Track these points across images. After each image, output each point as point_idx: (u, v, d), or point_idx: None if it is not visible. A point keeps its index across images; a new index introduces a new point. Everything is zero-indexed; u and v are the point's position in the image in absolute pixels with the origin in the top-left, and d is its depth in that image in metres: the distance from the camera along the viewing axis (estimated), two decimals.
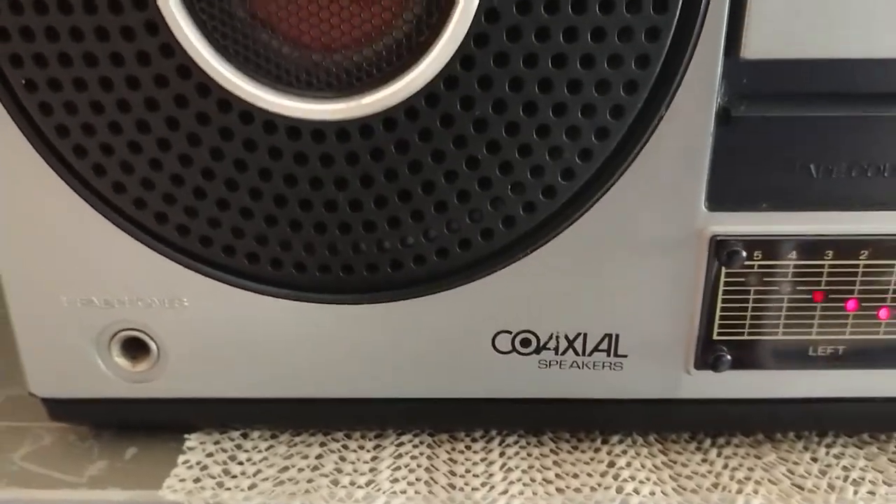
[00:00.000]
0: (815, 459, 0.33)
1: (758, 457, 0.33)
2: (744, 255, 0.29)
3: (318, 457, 0.33)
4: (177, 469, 0.32)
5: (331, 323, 0.31)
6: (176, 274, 0.30)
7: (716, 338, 0.31)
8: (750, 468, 0.32)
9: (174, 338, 0.32)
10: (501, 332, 0.31)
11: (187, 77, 0.26)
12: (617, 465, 0.33)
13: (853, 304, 0.30)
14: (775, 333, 0.31)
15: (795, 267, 0.30)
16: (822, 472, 0.32)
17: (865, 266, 0.30)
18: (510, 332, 0.31)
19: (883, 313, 0.30)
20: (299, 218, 0.29)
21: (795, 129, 0.28)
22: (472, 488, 0.31)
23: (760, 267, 0.30)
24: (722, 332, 0.31)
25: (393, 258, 0.30)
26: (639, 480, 0.32)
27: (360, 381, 0.32)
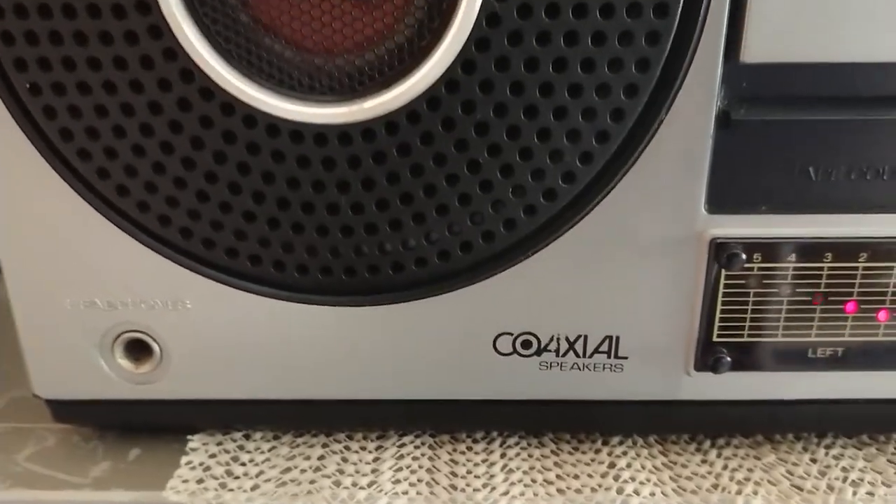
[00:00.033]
0: (814, 460, 0.33)
1: (757, 458, 0.33)
2: (743, 257, 0.29)
3: (321, 458, 0.33)
4: (180, 470, 0.32)
5: (333, 325, 0.31)
6: (179, 276, 0.30)
7: (716, 340, 0.31)
8: (749, 469, 0.33)
9: (177, 340, 0.32)
10: (502, 334, 0.32)
11: (190, 81, 0.27)
12: (617, 466, 0.33)
13: (852, 306, 0.30)
14: (775, 335, 0.31)
15: (795, 269, 0.30)
16: (821, 473, 0.32)
17: (864, 268, 0.30)
18: (511, 334, 0.32)
19: (882, 315, 0.30)
20: (302, 220, 0.29)
21: (795, 133, 0.28)
22: (474, 489, 0.31)
23: (760, 269, 0.30)
24: (722, 334, 0.31)
25: (394, 260, 0.30)
26: (639, 481, 0.32)
27: (362, 383, 0.33)
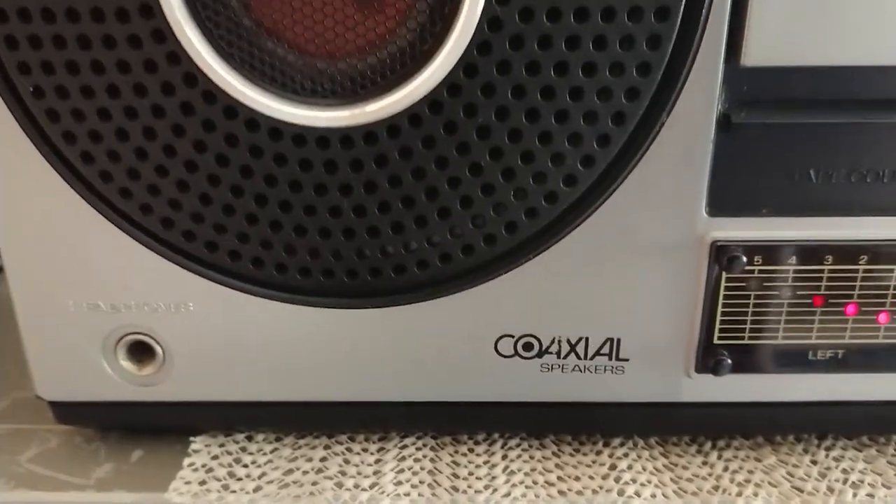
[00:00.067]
0: (814, 462, 0.33)
1: (758, 459, 0.33)
2: (744, 260, 0.29)
3: (323, 459, 0.33)
4: (182, 472, 0.32)
5: (335, 327, 0.31)
6: (182, 279, 0.30)
7: (716, 342, 0.31)
8: (750, 471, 0.33)
9: (180, 342, 0.32)
10: (504, 336, 0.32)
11: (193, 85, 0.27)
12: (618, 468, 0.33)
13: (853, 308, 0.30)
14: (775, 337, 0.31)
15: (795, 272, 0.30)
16: (821, 474, 0.32)
17: (865, 271, 0.30)
18: (513, 336, 0.32)
19: (882, 317, 0.31)
20: (304, 223, 0.29)
21: (795, 136, 0.28)
22: (475, 490, 0.31)
23: (761, 272, 0.30)
24: (722, 337, 0.31)
25: (396, 263, 0.30)
26: (640, 483, 0.32)
27: (364, 385, 0.33)
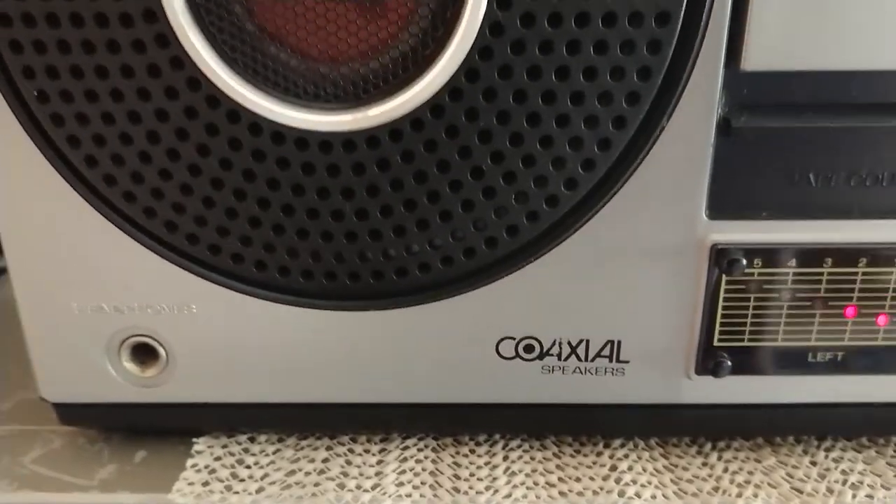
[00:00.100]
0: (814, 463, 0.33)
1: (758, 460, 0.34)
2: (744, 263, 0.30)
3: (325, 461, 0.34)
4: (186, 473, 0.33)
5: (337, 329, 0.32)
6: (185, 281, 0.31)
7: (716, 344, 0.31)
8: (750, 472, 0.33)
9: (183, 344, 0.32)
10: (505, 339, 0.32)
11: (197, 89, 0.27)
12: (619, 469, 0.33)
13: (852, 310, 0.31)
14: (775, 340, 0.31)
15: (795, 275, 0.30)
16: (820, 475, 0.33)
17: (864, 274, 0.30)
18: (514, 339, 0.32)
19: (881, 320, 0.31)
20: (307, 226, 0.29)
21: (795, 140, 0.28)
22: (477, 492, 0.32)
23: (760, 275, 0.30)
24: (722, 339, 0.31)
25: (398, 266, 0.30)
26: (640, 484, 0.32)
27: (366, 386, 0.33)
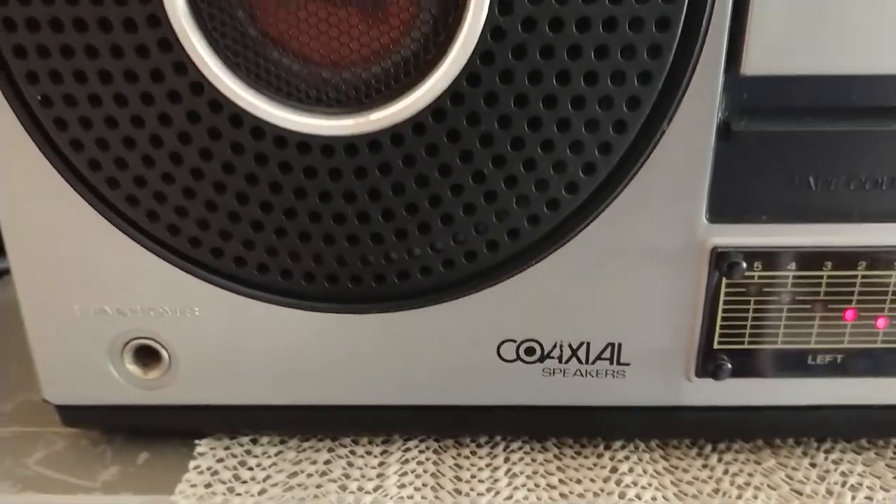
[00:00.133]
0: (813, 465, 0.33)
1: (757, 462, 0.34)
2: (744, 266, 0.30)
3: (327, 462, 0.34)
4: (188, 474, 0.33)
5: (339, 332, 0.32)
6: (187, 284, 0.31)
7: (716, 347, 0.31)
8: (750, 474, 0.33)
9: (185, 346, 0.32)
10: (506, 341, 0.32)
11: (200, 93, 0.27)
12: (619, 471, 0.33)
13: (851, 313, 0.31)
14: (775, 342, 0.31)
15: (795, 278, 0.30)
16: (820, 477, 0.33)
17: (863, 277, 0.30)
18: (515, 341, 0.32)
19: (881, 323, 0.31)
20: (309, 230, 0.29)
21: (795, 143, 0.29)
22: (478, 493, 0.32)
23: (760, 278, 0.30)
24: (722, 341, 0.31)
25: (400, 269, 0.30)
26: (641, 486, 0.32)
27: (368, 389, 0.33)
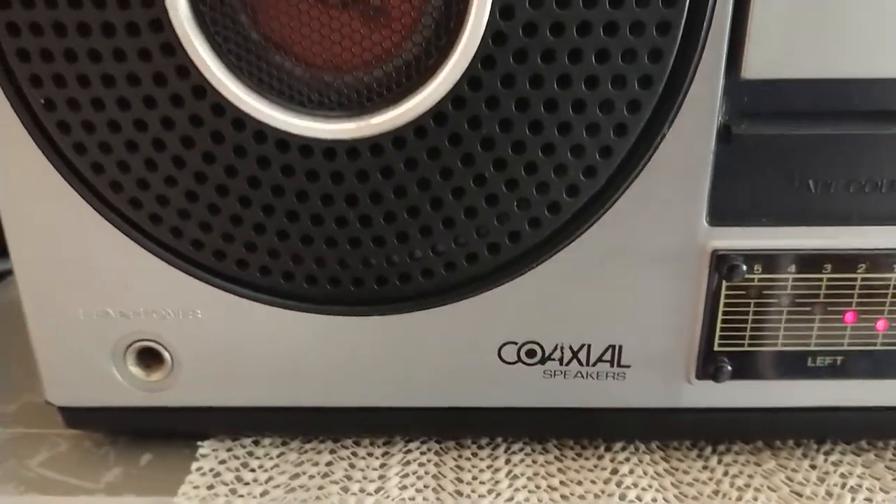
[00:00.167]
0: (813, 466, 0.34)
1: (757, 464, 0.34)
2: (744, 268, 0.30)
3: (329, 464, 0.34)
4: (191, 476, 0.33)
5: (341, 334, 0.32)
6: (190, 287, 0.31)
7: (716, 349, 0.31)
8: (750, 475, 0.33)
9: (188, 348, 0.32)
10: (507, 343, 0.32)
11: (202, 97, 0.27)
12: (620, 473, 0.33)
13: (851, 316, 0.31)
14: (775, 345, 0.31)
15: (795, 280, 0.30)
16: (820, 479, 0.33)
17: (863, 279, 0.30)
18: (516, 343, 0.32)
19: (880, 325, 0.31)
20: (311, 233, 0.29)
21: (795, 147, 0.29)
22: (479, 495, 0.32)
23: (760, 280, 0.30)
24: (723, 344, 0.31)
25: (402, 272, 0.30)
26: (641, 487, 0.32)
27: (369, 390, 0.33)
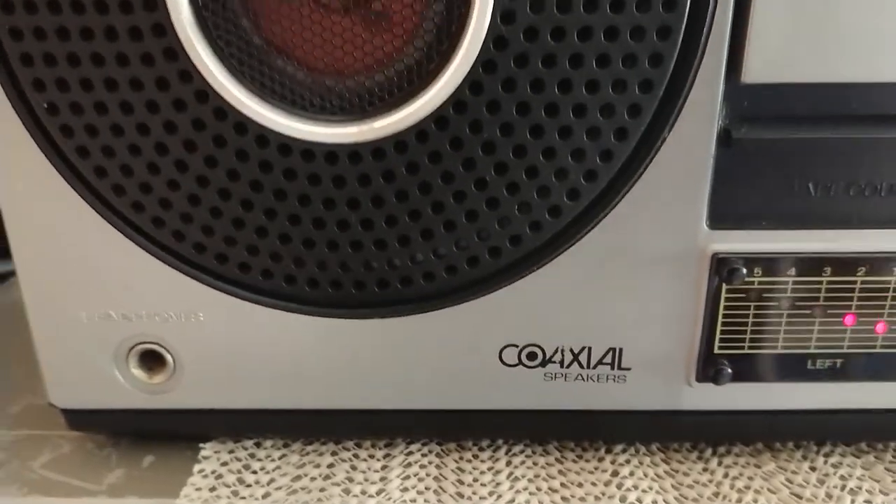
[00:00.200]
0: (813, 469, 0.34)
1: (757, 466, 0.34)
2: (744, 272, 0.30)
3: (330, 466, 0.34)
4: (193, 478, 0.33)
5: (342, 336, 0.32)
6: (192, 289, 0.31)
7: (717, 351, 0.32)
8: (750, 477, 0.33)
9: (190, 351, 0.33)
10: (508, 346, 0.32)
11: (205, 101, 0.27)
12: (620, 475, 0.33)
13: (851, 318, 0.31)
14: (775, 347, 0.31)
15: (794, 283, 0.30)
16: (820, 481, 0.33)
17: (863, 282, 0.30)
18: (517, 346, 0.32)
19: (880, 328, 0.31)
20: (313, 236, 0.30)
21: (794, 150, 0.29)
22: (480, 497, 0.32)
23: (760, 283, 0.30)
24: (723, 346, 0.31)
25: (403, 275, 0.30)
26: (642, 489, 0.32)
27: (371, 393, 0.33)
